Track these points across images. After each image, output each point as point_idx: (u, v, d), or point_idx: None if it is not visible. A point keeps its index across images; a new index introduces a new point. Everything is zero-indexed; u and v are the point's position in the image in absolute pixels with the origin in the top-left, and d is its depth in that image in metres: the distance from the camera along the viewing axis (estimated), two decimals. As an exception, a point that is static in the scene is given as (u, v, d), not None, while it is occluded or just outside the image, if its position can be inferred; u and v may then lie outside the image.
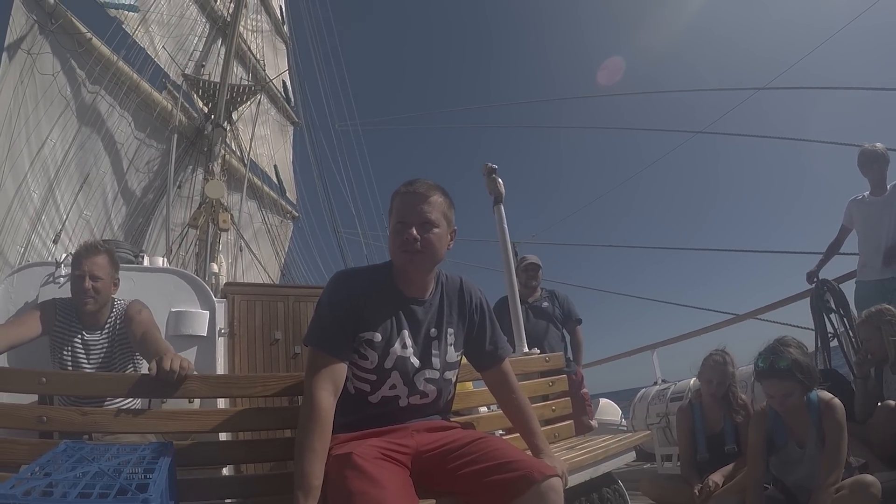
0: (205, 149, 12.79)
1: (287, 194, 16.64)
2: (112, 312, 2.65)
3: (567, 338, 4.81)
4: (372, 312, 1.68)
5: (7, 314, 2.89)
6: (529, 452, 1.81)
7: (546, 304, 4.75)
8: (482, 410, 2.64)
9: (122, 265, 2.89)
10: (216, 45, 14.50)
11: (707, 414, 3.16)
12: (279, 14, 17.61)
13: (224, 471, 2.38)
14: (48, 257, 8.63)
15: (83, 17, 11.02)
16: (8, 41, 9.84)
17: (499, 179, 3.70)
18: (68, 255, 2.93)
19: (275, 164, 16.03)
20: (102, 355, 2.60)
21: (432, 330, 1.75)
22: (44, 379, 1.69)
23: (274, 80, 16.01)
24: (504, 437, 2.21)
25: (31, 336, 2.48)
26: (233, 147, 13.86)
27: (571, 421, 2.76)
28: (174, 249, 11.34)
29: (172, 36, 13.05)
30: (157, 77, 12.53)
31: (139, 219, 11.57)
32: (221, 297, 3.98)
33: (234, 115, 13.58)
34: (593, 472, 2.25)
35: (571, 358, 4.69)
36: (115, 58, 11.25)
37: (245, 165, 13.56)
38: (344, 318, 1.65)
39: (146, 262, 3.66)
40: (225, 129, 12.94)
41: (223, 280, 10.25)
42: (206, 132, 12.76)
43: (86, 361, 2.57)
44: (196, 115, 13.19)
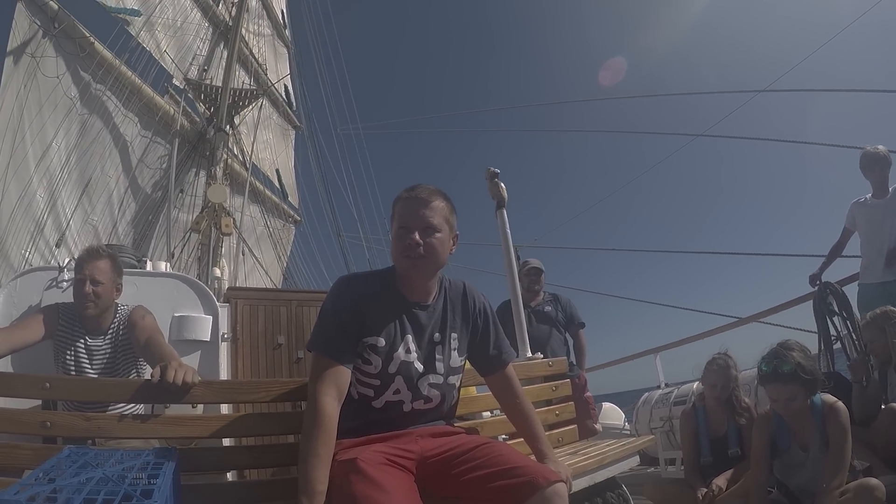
0: (207, 153, 12.81)
1: (289, 198, 16.65)
2: (115, 318, 2.65)
3: (570, 342, 4.80)
4: (375, 317, 1.68)
5: (10, 318, 2.89)
6: (534, 457, 1.81)
7: (549, 309, 4.74)
8: (486, 415, 2.63)
9: (126, 270, 2.88)
10: (219, 49, 14.54)
11: (711, 417, 3.15)
12: (281, 18, 17.67)
13: (228, 476, 2.38)
14: (51, 261, 8.64)
15: (86, 21, 11.08)
16: (11, 46, 9.87)
17: (501, 184, 3.69)
18: (71, 260, 2.93)
19: (277, 169, 16.04)
20: (106, 360, 2.59)
21: (436, 335, 1.75)
22: (47, 384, 1.69)
23: (276, 84, 16.05)
24: (508, 442, 2.21)
25: (34, 340, 2.48)
26: (235, 151, 13.88)
27: (575, 426, 2.75)
28: (177, 254, 11.35)
29: (175, 40, 13.10)
30: (160, 81, 12.59)
31: (142, 223, 11.58)
32: (224, 302, 3.98)
33: (237, 120, 13.61)
34: (597, 477, 2.25)
35: (574, 362, 4.68)
36: (118, 62, 11.29)
37: (247, 169, 13.58)
38: (347, 324, 1.65)
39: (149, 267, 3.65)
40: (227, 134, 12.98)
41: (226, 284, 10.24)
42: (209, 136, 12.78)
43: (89, 366, 2.56)
44: (198, 120, 13.23)
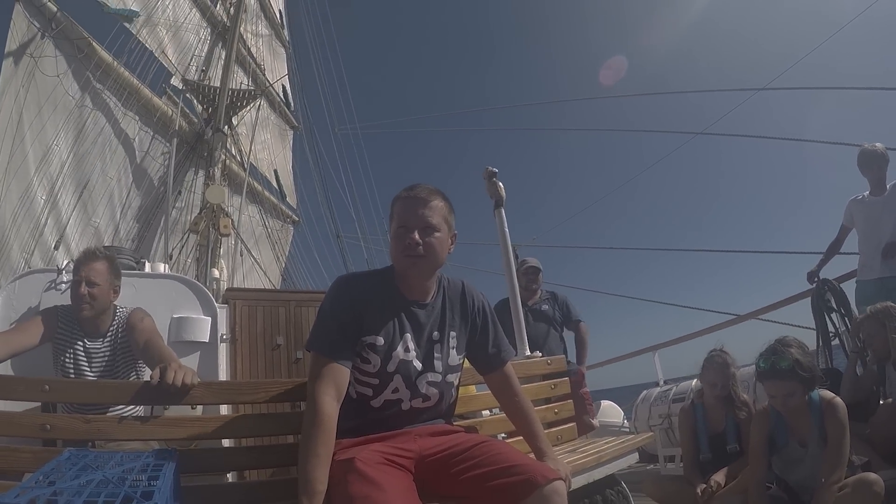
0: (205, 154, 12.81)
1: (287, 199, 16.65)
2: (114, 320, 2.65)
3: (566, 340, 4.81)
4: (374, 316, 1.68)
5: (9, 320, 2.89)
6: (533, 456, 1.82)
7: (546, 308, 4.75)
8: (485, 414, 2.64)
9: (124, 272, 2.88)
10: (217, 50, 14.53)
11: (709, 414, 3.16)
12: (278, 18, 17.66)
13: (228, 477, 2.39)
14: (49, 263, 8.63)
15: (85, 21, 11.06)
16: (9, 47, 9.86)
17: (499, 183, 3.70)
18: (70, 262, 2.93)
19: (275, 169, 16.04)
20: (105, 363, 2.59)
21: (434, 333, 1.76)
22: (47, 386, 1.69)
23: (274, 85, 16.04)
24: (507, 441, 2.21)
25: (33, 343, 2.48)
26: (233, 152, 13.87)
27: (574, 423, 2.76)
28: (175, 255, 11.35)
29: (174, 41, 13.09)
30: (158, 82, 12.56)
31: (141, 224, 11.57)
32: (223, 303, 3.98)
33: (235, 120, 13.61)
34: (596, 475, 2.25)
35: (574, 360, 4.68)
36: (116, 63, 11.28)
37: (245, 170, 13.57)
38: (346, 323, 1.65)
39: (147, 268, 3.65)
40: (225, 134, 12.97)
41: (224, 285, 10.24)
42: (207, 137, 12.78)
43: (88, 369, 2.56)
44: (196, 120, 13.21)
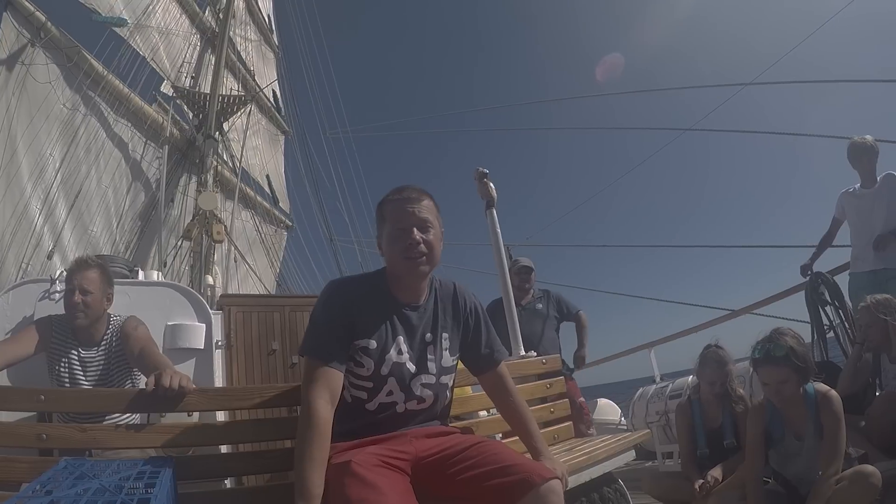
0: (197, 160, 12.77)
1: (280, 204, 16.61)
2: (108, 329, 2.65)
3: (570, 337, 4.83)
4: (366, 320, 1.68)
5: (3, 331, 2.89)
6: (529, 455, 1.82)
7: (540, 306, 4.76)
8: (481, 415, 2.64)
9: (117, 280, 2.88)
10: (207, 56, 14.49)
11: (706, 409, 3.18)
12: (267, 22, 17.63)
13: (225, 483, 2.38)
14: (44, 273, 8.59)
15: (73, 30, 11.00)
16: None
17: (490, 184, 3.71)
18: (63, 271, 2.92)
19: (267, 174, 16.00)
20: (100, 371, 2.59)
21: (427, 335, 1.76)
22: (42, 396, 1.69)
23: (264, 90, 16.01)
24: (503, 441, 2.21)
25: (27, 354, 2.48)
26: (225, 158, 13.83)
27: (570, 422, 2.76)
28: (168, 262, 11.30)
29: (163, 48, 13.04)
30: (148, 89, 12.51)
31: (133, 232, 11.53)
32: (217, 309, 3.97)
33: (226, 126, 13.57)
34: (593, 473, 2.26)
35: (572, 364, 4.71)
36: (106, 71, 11.23)
37: (237, 176, 13.53)
38: (338, 327, 1.65)
39: (141, 276, 3.65)
40: (216, 140, 12.92)
41: (219, 292, 10.21)
42: (198, 143, 12.74)
43: (83, 378, 2.56)
44: (187, 127, 13.17)
